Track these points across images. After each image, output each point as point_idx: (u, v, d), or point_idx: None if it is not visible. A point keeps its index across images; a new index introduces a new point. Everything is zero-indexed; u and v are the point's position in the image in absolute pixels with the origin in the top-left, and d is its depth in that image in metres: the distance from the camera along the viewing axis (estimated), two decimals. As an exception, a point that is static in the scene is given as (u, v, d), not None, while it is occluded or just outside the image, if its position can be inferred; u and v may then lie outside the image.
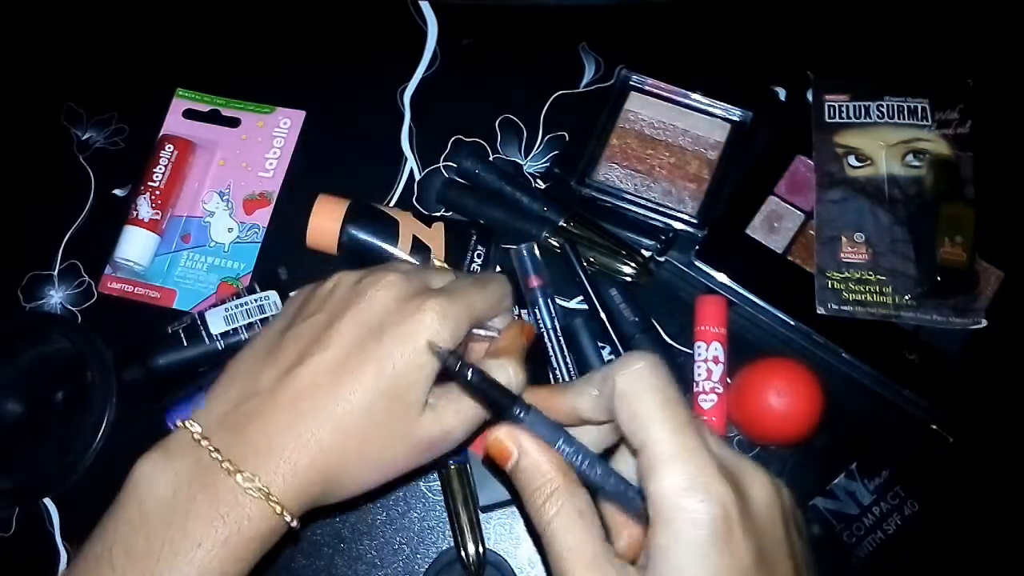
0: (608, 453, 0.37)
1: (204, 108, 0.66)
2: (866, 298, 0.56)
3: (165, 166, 0.61)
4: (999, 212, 0.57)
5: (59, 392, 0.59)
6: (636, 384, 0.32)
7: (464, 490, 0.54)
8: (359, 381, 0.36)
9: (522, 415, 0.33)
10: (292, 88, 0.66)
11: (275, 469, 0.35)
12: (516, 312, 0.43)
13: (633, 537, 0.34)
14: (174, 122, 0.66)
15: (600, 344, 0.57)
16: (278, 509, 0.35)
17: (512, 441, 0.33)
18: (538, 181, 0.63)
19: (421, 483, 0.57)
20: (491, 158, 0.64)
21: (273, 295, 0.58)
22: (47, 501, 0.58)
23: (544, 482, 0.32)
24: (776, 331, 0.58)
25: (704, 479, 0.29)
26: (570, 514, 0.32)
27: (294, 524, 0.36)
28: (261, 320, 0.57)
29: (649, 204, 0.60)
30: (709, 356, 0.56)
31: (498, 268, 0.60)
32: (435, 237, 0.58)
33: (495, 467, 0.35)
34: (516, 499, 0.54)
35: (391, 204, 0.63)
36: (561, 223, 0.59)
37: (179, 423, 0.37)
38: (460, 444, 0.39)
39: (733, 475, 0.30)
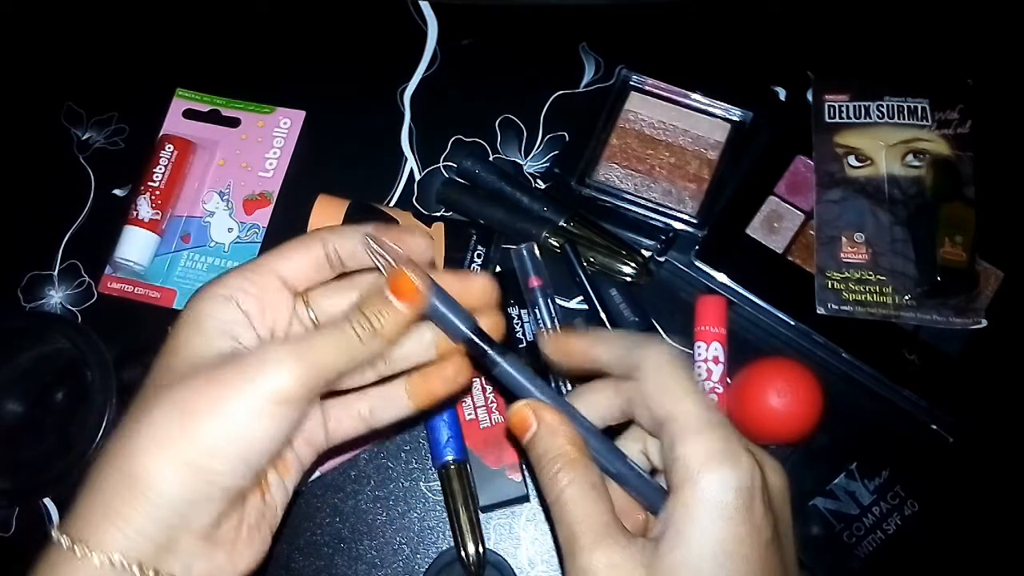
0: None
1: (204, 108, 0.66)
2: (866, 298, 0.56)
3: (165, 166, 0.61)
4: (999, 212, 0.57)
5: (59, 392, 0.59)
6: (670, 361, 0.33)
7: (464, 490, 0.54)
8: None
9: (499, 359, 0.35)
10: (292, 88, 0.66)
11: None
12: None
13: (638, 521, 0.35)
14: (174, 122, 0.66)
15: (600, 344, 0.57)
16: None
17: (532, 412, 0.34)
18: (538, 181, 0.63)
19: (421, 483, 0.57)
20: (491, 158, 0.64)
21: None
22: (47, 501, 0.58)
23: (559, 453, 0.33)
24: (776, 331, 0.58)
25: (735, 449, 0.30)
26: (583, 485, 0.32)
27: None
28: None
29: (649, 204, 0.60)
30: (709, 356, 0.56)
31: (498, 268, 0.60)
32: (435, 237, 0.58)
33: (514, 440, 0.36)
34: (516, 500, 0.54)
35: (391, 204, 0.63)
36: (561, 223, 0.59)
37: None
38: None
39: (755, 455, 0.32)
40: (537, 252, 0.58)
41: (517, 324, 0.57)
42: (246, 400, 0.31)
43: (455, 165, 0.63)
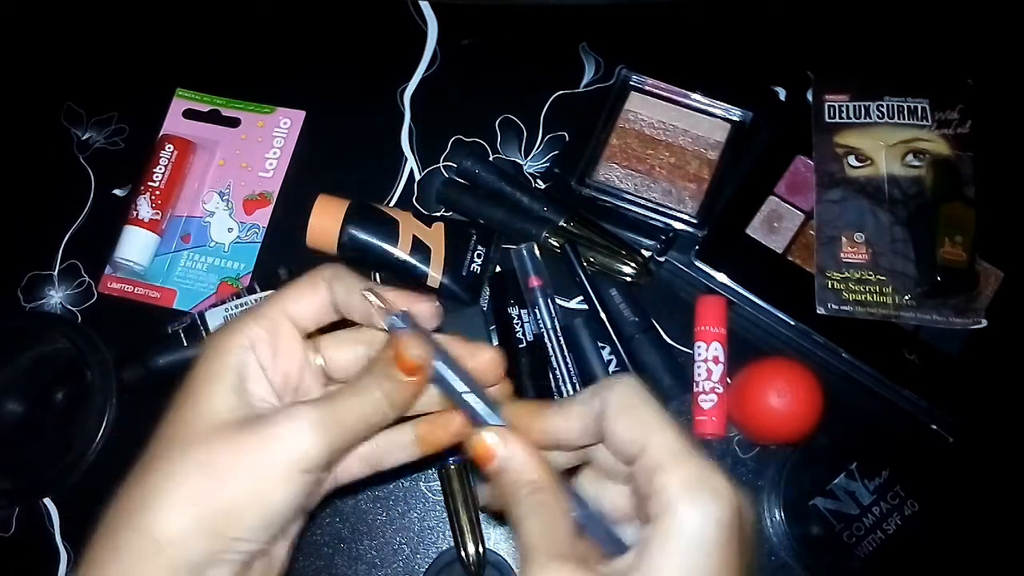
0: None
1: (204, 108, 0.66)
2: (866, 298, 0.56)
3: (165, 166, 0.61)
4: (999, 212, 0.57)
5: (59, 392, 0.59)
6: (633, 394, 0.32)
7: (464, 490, 0.54)
8: None
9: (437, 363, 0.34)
10: (292, 88, 0.66)
11: None
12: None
13: (600, 557, 0.34)
14: (174, 122, 0.66)
15: (600, 344, 0.57)
16: None
17: (500, 441, 0.33)
18: (538, 181, 0.63)
19: (421, 483, 0.57)
20: (491, 158, 0.64)
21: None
22: (47, 501, 0.58)
23: (530, 479, 0.32)
24: (776, 331, 0.58)
25: (714, 480, 0.30)
26: (552, 507, 0.32)
27: None
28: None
29: (649, 204, 0.60)
30: (709, 356, 0.56)
31: (498, 268, 0.60)
32: (435, 237, 0.58)
33: (477, 467, 0.34)
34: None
35: (391, 204, 0.63)
36: (561, 223, 0.59)
37: None
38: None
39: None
40: (537, 252, 0.58)
41: (517, 324, 0.57)
42: (273, 467, 0.31)
43: (455, 165, 0.63)
